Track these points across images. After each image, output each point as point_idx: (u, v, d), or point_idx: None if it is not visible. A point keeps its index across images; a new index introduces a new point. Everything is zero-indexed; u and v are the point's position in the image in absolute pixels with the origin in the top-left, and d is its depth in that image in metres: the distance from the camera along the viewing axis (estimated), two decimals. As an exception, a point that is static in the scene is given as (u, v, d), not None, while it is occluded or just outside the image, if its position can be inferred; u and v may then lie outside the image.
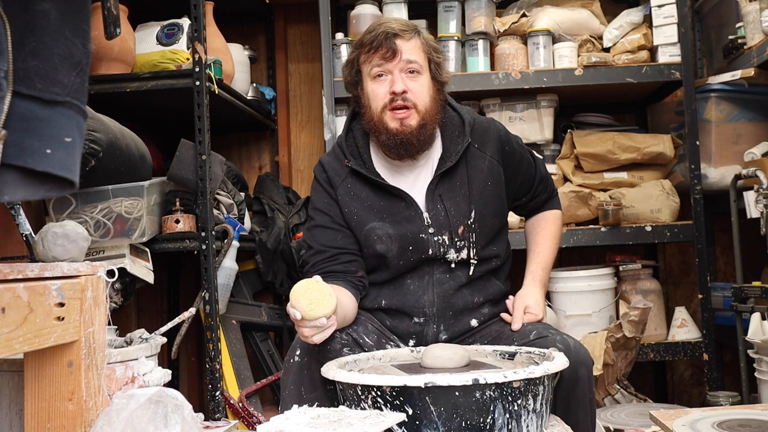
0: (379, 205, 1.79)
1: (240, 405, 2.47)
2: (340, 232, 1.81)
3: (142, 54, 2.50)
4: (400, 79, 1.73)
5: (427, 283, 1.79)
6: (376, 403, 1.36)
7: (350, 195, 1.81)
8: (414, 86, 1.74)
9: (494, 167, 1.83)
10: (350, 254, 1.80)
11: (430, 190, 1.78)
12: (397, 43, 1.73)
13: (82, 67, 1.09)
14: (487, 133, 1.85)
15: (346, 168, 1.82)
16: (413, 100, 1.74)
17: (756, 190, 2.38)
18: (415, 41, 1.76)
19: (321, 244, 1.81)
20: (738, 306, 2.47)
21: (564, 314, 2.70)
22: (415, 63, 1.74)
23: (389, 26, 1.75)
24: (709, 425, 1.49)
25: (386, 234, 1.77)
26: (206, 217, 2.33)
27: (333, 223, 1.81)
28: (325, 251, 1.80)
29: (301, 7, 3.36)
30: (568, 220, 2.72)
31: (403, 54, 1.73)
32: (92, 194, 2.18)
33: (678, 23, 2.70)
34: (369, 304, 1.82)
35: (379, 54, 1.74)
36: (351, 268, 1.79)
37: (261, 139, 3.36)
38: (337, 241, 1.80)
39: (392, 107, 1.73)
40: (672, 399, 3.18)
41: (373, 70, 1.75)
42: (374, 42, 1.74)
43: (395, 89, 1.72)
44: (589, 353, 1.67)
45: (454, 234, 1.77)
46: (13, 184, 1.02)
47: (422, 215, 1.78)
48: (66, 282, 1.26)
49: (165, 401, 1.24)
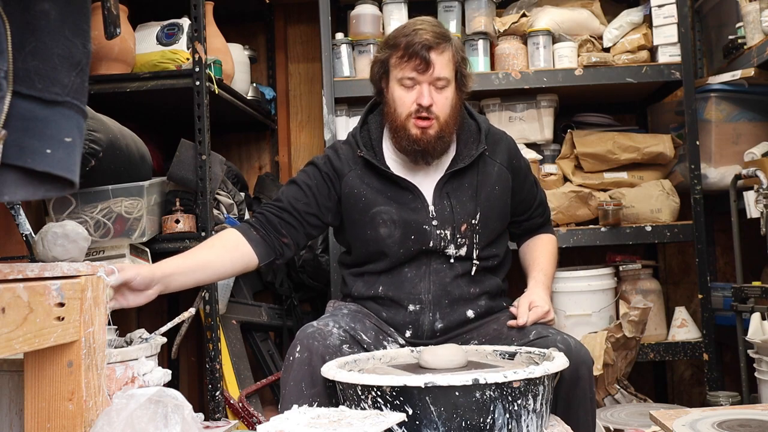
0: (388, 193, 1.85)
1: (240, 405, 2.47)
2: (306, 198, 1.87)
3: (142, 54, 2.50)
4: (428, 92, 1.78)
5: (424, 272, 1.84)
6: (376, 403, 1.36)
7: (360, 180, 1.87)
8: (439, 99, 1.80)
9: (503, 173, 1.90)
10: (295, 219, 1.86)
11: (439, 186, 1.85)
12: (431, 56, 1.76)
13: (82, 67, 1.09)
14: (499, 143, 1.93)
15: (359, 158, 1.89)
16: (437, 113, 1.80)
17: (756, 190, 2.37)
18: (447, 54, 1.80)
19: (284, 195, 1.89)
20: (738, 306, 2.47)
21: (564, 314, 2.70)
22: (444, 78, 1.79)
23: (425, 38, 1.77)
24: (709, 425, 1.49)
25: (391, 219, 1.83)
26: (206, 217, 2.33)
27: (308, 189, 1.88)
28: (280, 202, 1.87)
29: (301, 7, 3.36)
30: (568, 220, 2.72)
31: (435, 70, 1.77)
32: (92, 194, 2.18)
33: (678, 23, 2.70)
34: (366, 291, 1.86)
35: (412, 64, 1.77)
36: (282, 230, 1.85)
37: (261, 139, 3.36)
38: (297, 202, 1.87)
39: (417, 116, 1.79)
40: (672, 399, 3.18)
41: (404, 79, 1.79)
42: (409, 51, 1.77)
43: (423, 102, 1.78)
44: (589, 353, 1.68)
45: (457, 231, 1.82)
46: (13, 184, 1.02)
47: (428, 207, 1.84)
48: (66, 282, 1.26)
49: (165, 401, 1.24)
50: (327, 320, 1.75)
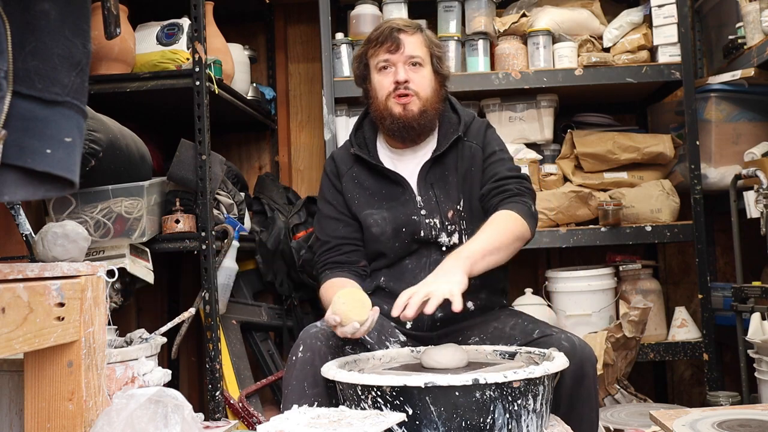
0: (380, 192, 1.92)
1: (240, 405, 2.47)
2: (341, 221, 1.95)
3: (142, 54, 2.50)
4: (403, 70, 1.87)
5: (424, 264, 1.88)
6: (376, 403, 1.36)
7: (354, 182, 1.95)
8: (416, 77, 1.88)
9: (476, 152, 1.93)
10: (352, 244, 1.94)
11: (422, 176, 1.90)
12: (401, 37, 1.87)
13: (82, 67, 1.09)
14: (478, 127, 1.98)
15: (352, 156, 1.96)
16: (415, 89, 1.87)
17: (756, 190, 2.37)
18: (417, 36, 1.90)
19: (326, 235, 1.96)
20: (738, 306, 2.47)
21: (564, 314, 2.70)
22: (417, 57, 1.88)
23: (394, 22, 1.91)
24: (709, 425, 1.49)
25: (381, 218, 1.89)
26: (206, 217, 2.33)
27: (337, 212, 1.96)
28: (329, 242, 1.95)
29: (301, 7, 3.36)
30: (568, 220, 2.72)
31: (406, 48, 1.87)
32: (92, 194, 2.18)
33: (678, 23, 2.70)
34: (367, 285, 1.91)
35: (384, 47, 1.88)
36: (353, 258, 1.93)
37: (261, 139, 3.36)
38: (339, 230, 1.94)
39: (396, 95, 1.87)
40: (672, 399, 3.18)
41: (379, 63, 1.89)
42: (380, 37, 1.89)
43: (398, 78, 1.86)
44: (593, 350, 1.69)
45: (444, 218, 1.88)
46: (13, 184, 1.02)
47: (415, 198, 1.90)
48: (66, 282, 1.26)
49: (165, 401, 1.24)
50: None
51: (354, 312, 1.60)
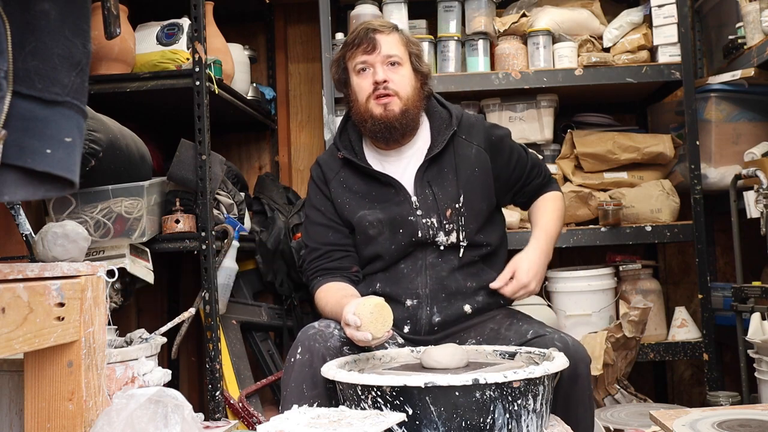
0: (371, 194, 1.90)
1: (240, 405, 2.47)
2: (331, 228, 1.93)
3: (142, 54, 2.50)
4: (382, 70, 1.86)
5: (420, 266, 1.86)
6: (376, 403, 1.36)
7: (342, 187, 1.93)
8: (395, 77, 1.86)
9: (481, 155, 1.92)
10: (342, 251, 1.92)
11: (419, 176, 1.88)
12: (377, 37, 1.87)
13: (82, 67, 1.09)
14: (474, 126, 1.96)
15: (339, 160, 1.94)
16: (394, 89, 1.86)
17: (756, 190, 2.37)
18: (393, 36, 1.90)
19: (315, 242, 1.94)
20: (738, 306, 2.47)
21: (564, 314, 2.70)
22: (395, 56, 1.87)
23: (369, 23, 1.91)
24: (709, 425, 1.49)
25: (377, 219, 1.87)
26: (206, 217, 2.33)
27: (326, 219, 1.93)
28: (318, 249, 1.93)
29: (301, 7, 3.36)
30: (568, 220, 2.72)
31: (383, 47, 1.86)
32: (92, 194, 2.18)
33: (678, 23, 2.70)
34: (364, 290, 1.88)
35: (361, 49, 1.87)
36: (345, 264, 1.92)
37: (261, 139, 3.36)
38: (329, 237, 1.92)
39: (376, 95, 1.86)
40: (672, 399, 3.18)
41: (357, 65, 1.88)
42: (356, 39, 1.88)
43: (377, 78, 1.85)
44: (586, 350, 1.70)
45: (443, 217, 1.86)
46: (13, 184, 1.02)
47: (411, 199, 1.88)
48: (66, 282, 1.26)
49: (165, 401, 1.24)
50: (328, 321, 1.75)
51: (374, 325, 1.61)
